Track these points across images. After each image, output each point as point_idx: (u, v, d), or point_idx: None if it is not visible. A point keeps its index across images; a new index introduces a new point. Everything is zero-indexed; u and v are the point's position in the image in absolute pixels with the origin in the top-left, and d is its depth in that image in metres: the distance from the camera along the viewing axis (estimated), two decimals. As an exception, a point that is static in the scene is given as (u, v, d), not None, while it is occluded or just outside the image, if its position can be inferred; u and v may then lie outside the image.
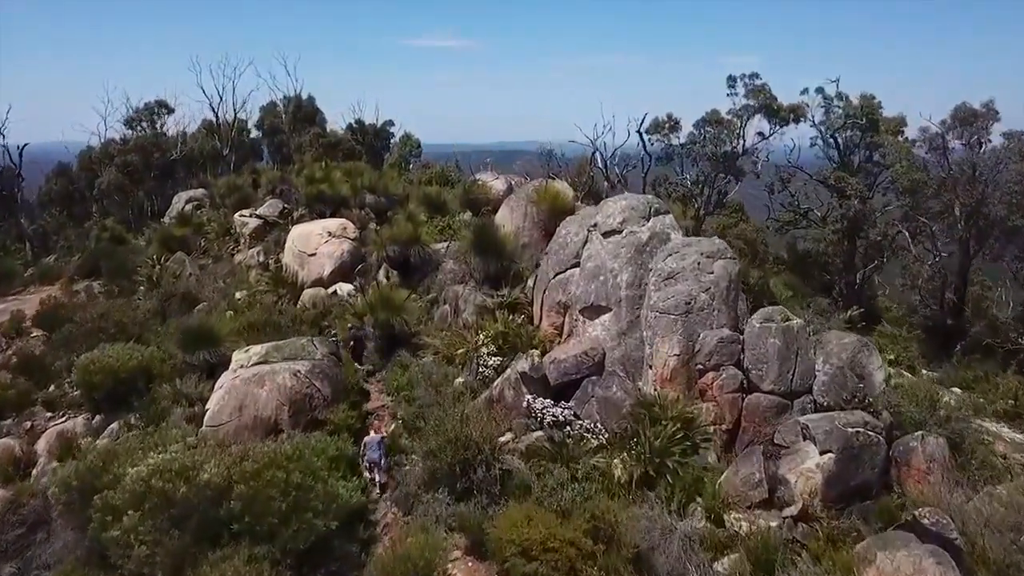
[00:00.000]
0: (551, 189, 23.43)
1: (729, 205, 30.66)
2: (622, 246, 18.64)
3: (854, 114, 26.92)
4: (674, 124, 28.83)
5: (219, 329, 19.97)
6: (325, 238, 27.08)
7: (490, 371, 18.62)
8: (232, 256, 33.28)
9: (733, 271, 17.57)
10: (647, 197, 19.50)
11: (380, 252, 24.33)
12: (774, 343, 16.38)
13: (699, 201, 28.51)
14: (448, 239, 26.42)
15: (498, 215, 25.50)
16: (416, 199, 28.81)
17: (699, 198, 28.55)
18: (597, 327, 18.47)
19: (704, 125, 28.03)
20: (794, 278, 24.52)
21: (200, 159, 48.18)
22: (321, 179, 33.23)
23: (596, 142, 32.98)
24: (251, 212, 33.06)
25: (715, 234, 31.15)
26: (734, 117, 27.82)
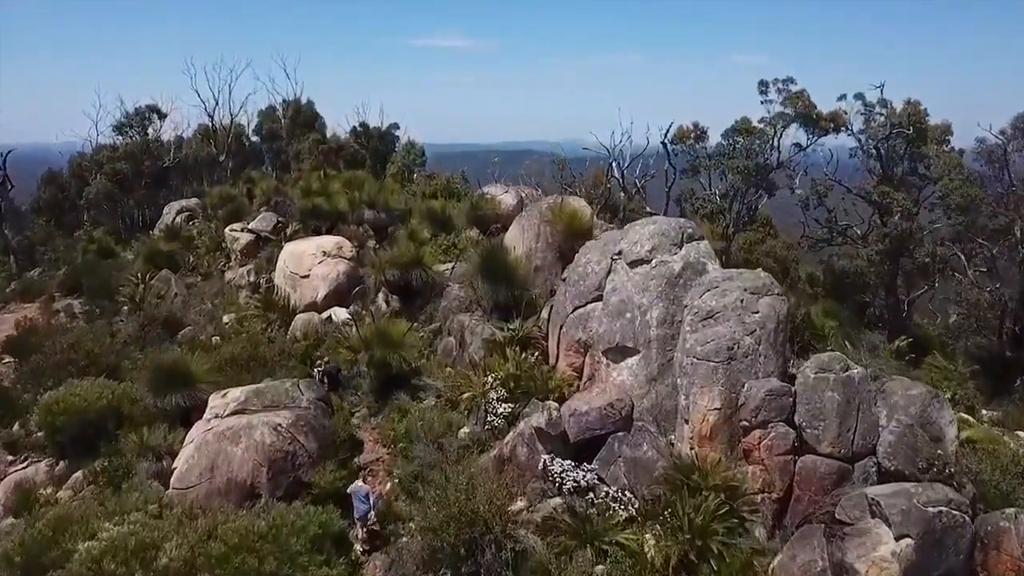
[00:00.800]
0: (567, 207, 21.09)
1: (756, 219, 28.26)
2: (651, 278, 16.29)
3: (899, 122, 24.48)
4: (700, 133, 26.45)
5: (195, 368, 17.69)
6: (319, 258, 24.82)
7: (500, 420, 16.33)
8: (223, 273, 31.12)
9: (782, 310, 15.19)
10: (678, 221, 17.15)
11: (379, 276, 22.04)
12: (832, 397, 13.99)
13: (728, 217, 26.11)
14: (453, 259, 24.13)
15: (508, 234, 23.16)
16: (419, 214, 26.52)
17: (728, 214, 26.16)
18: (623, 371, 16.13)
19: (734, 135, 25.67)
20: (835, 305, 22.07)
21: (196, 166, 46.08)
22: (318, 191, 31.01)
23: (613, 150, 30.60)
24: (242, 226, 30.85)
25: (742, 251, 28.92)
26: (767, 126, 25.44)
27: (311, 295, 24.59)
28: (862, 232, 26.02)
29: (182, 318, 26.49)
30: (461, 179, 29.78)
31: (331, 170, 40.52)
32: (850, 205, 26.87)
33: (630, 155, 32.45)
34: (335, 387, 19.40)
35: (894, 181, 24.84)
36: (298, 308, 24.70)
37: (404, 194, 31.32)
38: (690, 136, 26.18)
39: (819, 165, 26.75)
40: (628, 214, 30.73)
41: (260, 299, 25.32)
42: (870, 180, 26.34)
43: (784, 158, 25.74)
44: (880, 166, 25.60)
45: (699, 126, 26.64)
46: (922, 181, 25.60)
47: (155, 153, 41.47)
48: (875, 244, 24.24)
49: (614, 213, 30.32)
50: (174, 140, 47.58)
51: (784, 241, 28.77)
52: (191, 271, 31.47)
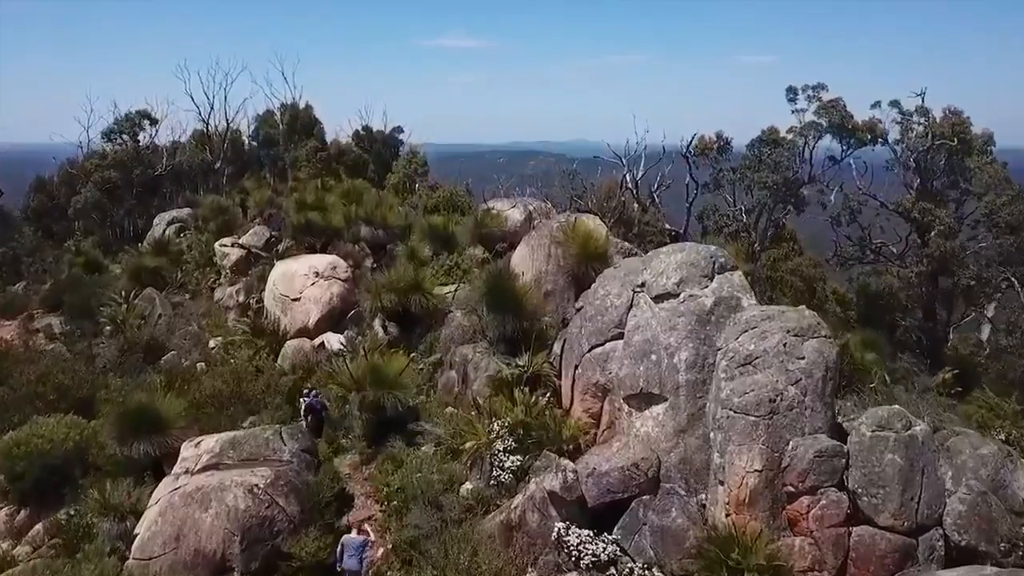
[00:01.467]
0: (580, 228, 19.18)
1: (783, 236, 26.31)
2: (679, 315, 14.37)
3: (941, 133, 22.51)
4: (724, 144, 24.54)
5: (167, 412, 15.84)
6: (311, 279, 22.98)
7: (507, 475, 14.44)
8: (212, 290, 29.35)
9: (830, 356, 13.25)
10: (708, 249, 15.23)
11: (375, 302, 20.19)
12: (894, 461, 12.08)
13: (753, 235, 24.18)
14: (456, 281, 22.28)
15: (515, 255, 21.27)
16: (420, 231, 24.66)
17: (753, 231, 24.23)
18: (647, 421, 14.23)
19: (761, 146, 23.75)
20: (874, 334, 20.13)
21: (190, 173, 44.36)
22: (314, 204, 29.18)
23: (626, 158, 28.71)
24: (233, 241, 29.06)
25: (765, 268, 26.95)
26: (796, 136, 23.52)
27: (302, 319, 22.77)
28: (898, 251, 24.07)
29: (165, 342, 24.69)
30: (465, 191, 27.90)
31: (330, 179, 38.78)
32: (884, 221, 24.91)
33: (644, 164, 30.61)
34: (320, 425, 17.63)
35: (934, 196, 22.87)
36: (289, 333, 22.89)
37: (405, 207, 29.51)
38: (712, 147, 24.26)
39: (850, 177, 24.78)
40: (643, 227, 28.88)
41: (248, 323, 23.48)
42: (907, 194, 24.36)
43: (816, 172, 23.81)
44: (919, 179, 23.63)
45: (722, 136, 24.73)
46: (963, 195, 23.62)
47: (146, 161, 39.72)
48: (915, 265, 22.29)
49: (628, 227, 28.47)
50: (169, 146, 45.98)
51: (811, 258, 26.86)
52: (179, 288, 29.68)
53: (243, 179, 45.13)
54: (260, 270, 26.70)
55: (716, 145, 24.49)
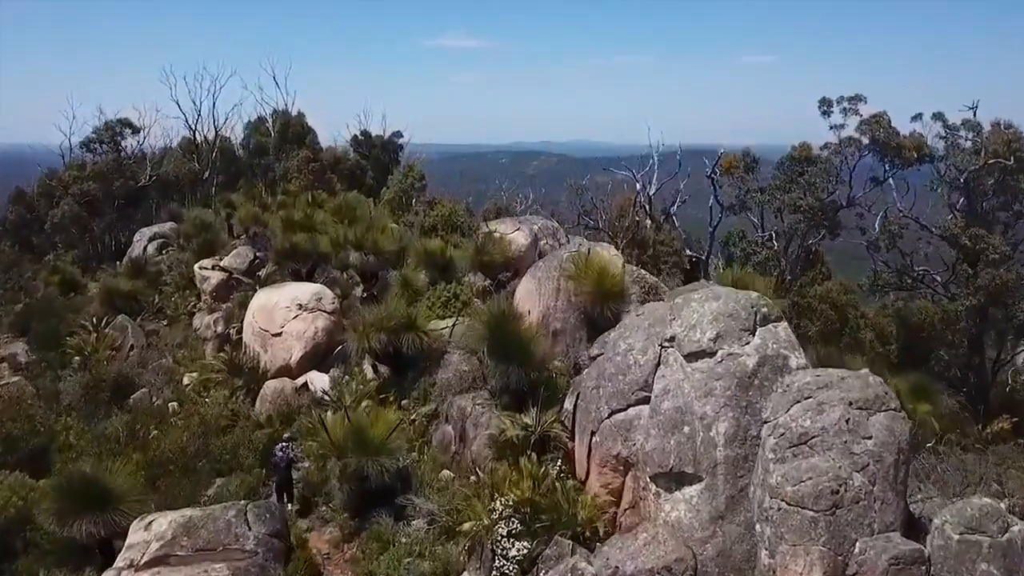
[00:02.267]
0: (594, 262, 16.90)
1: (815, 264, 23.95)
2: (716, 377, 12.11)
3: (995, 151, 20.23)
4: (751, 163, 22.28)
5: (117, 484, 13.58)
6: (294, 312, 20.75)
7: (512, 566, 12.23)
8: (192, 316, 27.14)
9: (903, 435, 10.99)
10: (748, 297, 12.96)
11: (362, 342, 17.93)
12: (988, 572, 9.83)
13: (784, 262, 21.87)
14: (455, 314, 20.06)
15: (520, 287, 19.05)
16: (415, 256, 22.41)
17: (783, 258, 21.92)
18: (679, 504, 11.96)
19: (792, 164, 21.47)
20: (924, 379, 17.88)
21: (177, 184, 42.16)
22: (301, 222, 26.96)
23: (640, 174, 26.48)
24: (213, 262, 26.83)
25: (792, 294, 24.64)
26: (832, 154, 21.24)
27: (283, 356, 20.55)
28: (943, 280, 21.78)
29: (136, 378, 22.49)
30: (465, 210, 25.65)
31: (322, 191, 36.60)
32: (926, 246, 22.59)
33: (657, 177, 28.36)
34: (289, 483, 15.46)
35: (983, 218, 20.57)
36: (269, 371, 20.70)
37: (400, 226, 27.27)
38: (739, 166, 21.96)
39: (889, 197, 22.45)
40: (658, 248, 26.62)
41: (225, 360, 21.26)
42: (949, 215, 22.05)
43: (856, 194, 21.49)
44: (965, 200, 21.34)
45: (749, 154, 22.44)
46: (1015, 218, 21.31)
47: (128, 172, 37.48)
48: (964, 298, 19.98)
49: (643, 248, 26.23)
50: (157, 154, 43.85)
51: (840, 283, 24.58)
52: (155, 314, 27.49)
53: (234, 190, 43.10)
54: (242, 296, 24.47)
55: (743, 163, 22.22)
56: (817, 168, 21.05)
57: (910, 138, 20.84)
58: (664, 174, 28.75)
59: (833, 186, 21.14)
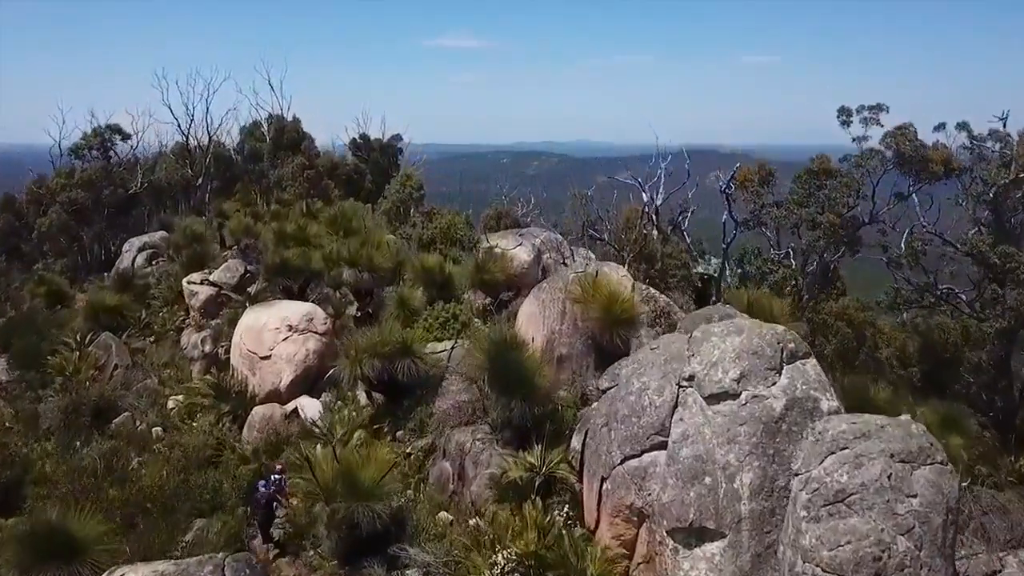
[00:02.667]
0: (602, 285, 15.82)
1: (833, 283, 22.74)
2: (740, 422, 11.01)
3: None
4: (766, 175, 21.15)
5: (83, 533, 12.47)
6: (283, 333, 19.65)
7: (516, 628, 11.13)
8: (180, 331, 26.04)
9: (952, 492, 9.88)
10: (774, 331, 11.85)
11: (354, 369, 16.82)
12: (1055, 654, 8.73)
13: (800, 281, 20.71)
14: (453, 336, 18.98)
15: (523, 309, 17.96)
16: (412, 272, 21.31)
17: (799, 277, 20.76)
18: (699, 563, 10.86)
19: (809, 178, 20.36)
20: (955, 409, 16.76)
21: (170, 191, 41.10)
22: (294, 234, 25.90)
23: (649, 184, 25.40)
24: (202, 276, 25.72)
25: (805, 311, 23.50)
26: (852, 168, 20.12)
27: (272, 381, 19.45)
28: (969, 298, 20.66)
29: (118, 401, 21.40)
30: (465, 223, 24.54)
31: (317, 200, 35.56)
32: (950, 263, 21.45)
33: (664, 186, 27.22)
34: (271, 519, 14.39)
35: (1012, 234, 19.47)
36: (258, 396, 19.60)
37: (396, 240, 26.17)
38: (753, 179, 20.84)
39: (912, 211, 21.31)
40: (666, 261, 25.49)
41: (212, 383, 20.16)
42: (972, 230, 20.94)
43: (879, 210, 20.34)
44: (991, 214, 20.24)
45: (765, 167, 21.29)
46: (1046, 235, 20.24)
47: (118, 179, 36.39)
48: (995, 319, 18.89)
49: (650, 263, 25.10)
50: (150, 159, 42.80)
51: (858, 300, 23.43)
52: (142, 330, 26.35)
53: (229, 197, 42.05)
54: (231, 313, 23.37)
55: (757, 176, 21.11)
56: (837, 182, 19.95)
57: (936, 151, 19.71)
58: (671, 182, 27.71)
59: (854, 201, 20.03)
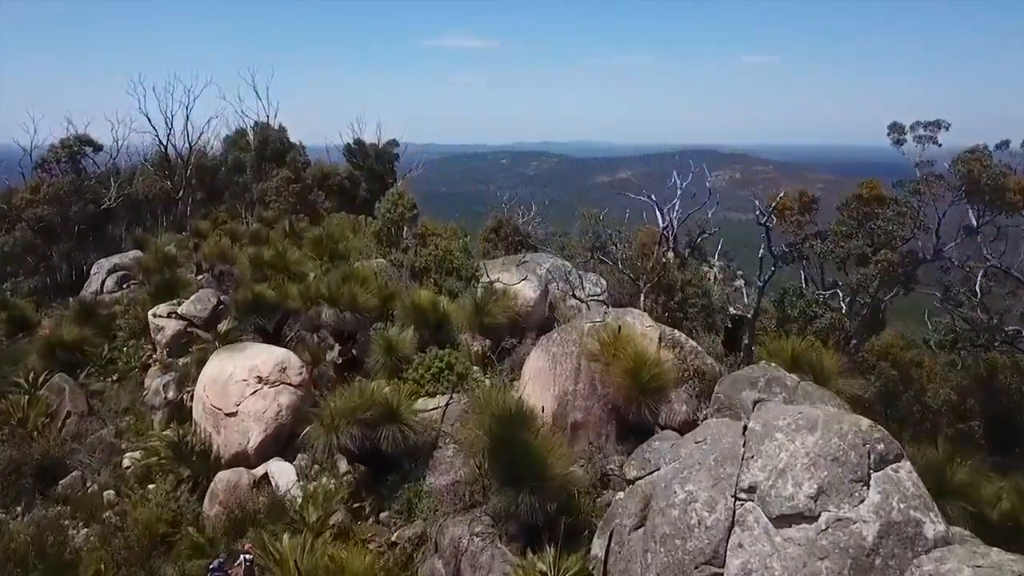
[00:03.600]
0: (626, 342, 13.22)
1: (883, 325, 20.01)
2: (821, 554, 8.41)
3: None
4: (809, 202, 18.50)
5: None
6: (252, 386, 17.01)
7: None
8: (146, 370, 23.40)
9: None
10: (856, 426, 9.26)
11: (329, 437, 14.20)
12: None
13: (848, 324, 18.05)
14: (448, 390, 16.38)
15: (531, 363, 15.35)
16: (402, 310, 18.68)
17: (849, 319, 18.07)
18: None
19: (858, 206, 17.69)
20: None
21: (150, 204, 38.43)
22: (272, 261, 23.30)
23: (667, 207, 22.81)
24: (170, 308, 23.07)
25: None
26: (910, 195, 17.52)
27: (239, 441, 16.82)
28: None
29: (67, 458, 18.80)
30: (463, 251, 21.90)
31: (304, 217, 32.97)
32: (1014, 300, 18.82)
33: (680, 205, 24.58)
34: None
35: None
36: (222, 457, 16.97)
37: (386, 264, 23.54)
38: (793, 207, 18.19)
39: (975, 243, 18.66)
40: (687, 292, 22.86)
41: (172, 440, 17.54)
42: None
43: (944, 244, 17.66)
44: (1062, 245, 17.68)
45: (807, 194, 18.65)
46: None
47: (89, 193, 33.72)
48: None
49: (669, 294, 22.49)
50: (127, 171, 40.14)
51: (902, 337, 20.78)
52: (104, 367, 23.66)
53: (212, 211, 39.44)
54: (200, 354, 20.69)
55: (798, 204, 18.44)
56: (892, 212, 17.34)
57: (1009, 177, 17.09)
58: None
59: (910, 232, 17.40)
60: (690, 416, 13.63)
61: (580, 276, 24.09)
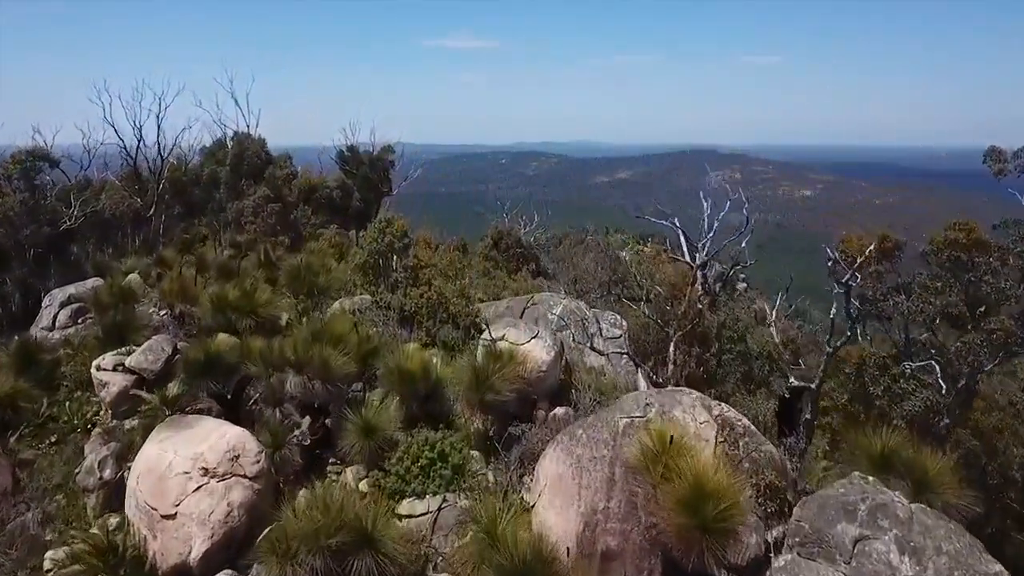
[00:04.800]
0: (680, 455, 9.80)
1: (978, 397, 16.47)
2: None
3: None
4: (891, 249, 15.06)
5: None
6: (196, 480, 13.59)
7: None
8: (89, 432, 19.98)
9: None
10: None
11: (283, 569, 10.79)
12: None
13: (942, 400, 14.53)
14: (441, 488, 13.00)
15: (547, 467, 11.93)
16: (386, 375, 15.27)
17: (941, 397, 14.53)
18: None
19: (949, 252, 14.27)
20: None
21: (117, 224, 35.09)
22: (237, 302, 19.91)
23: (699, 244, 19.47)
24: (116, 361, 19.65)
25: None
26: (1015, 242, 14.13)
27: (179, 550, 13.39)
28: None
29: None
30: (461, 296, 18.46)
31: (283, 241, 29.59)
32: None
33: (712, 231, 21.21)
34: None
35: None
36: (161, 568, 13.56)
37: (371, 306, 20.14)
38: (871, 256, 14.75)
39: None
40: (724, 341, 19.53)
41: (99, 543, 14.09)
42: None
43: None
44: None
45: (889, 239, 15.22)
46: None
47: (46, 213, 30.33)
48: None
49: (705, 345, 19.11)
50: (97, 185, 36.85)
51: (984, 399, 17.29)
52: (41, 426, 20.26)
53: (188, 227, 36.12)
54: (147, 421, 17.30)
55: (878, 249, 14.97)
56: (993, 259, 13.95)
57: None
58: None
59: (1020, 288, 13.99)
60: (760, 550, 10.23)
61: (597, 318, 20.73)
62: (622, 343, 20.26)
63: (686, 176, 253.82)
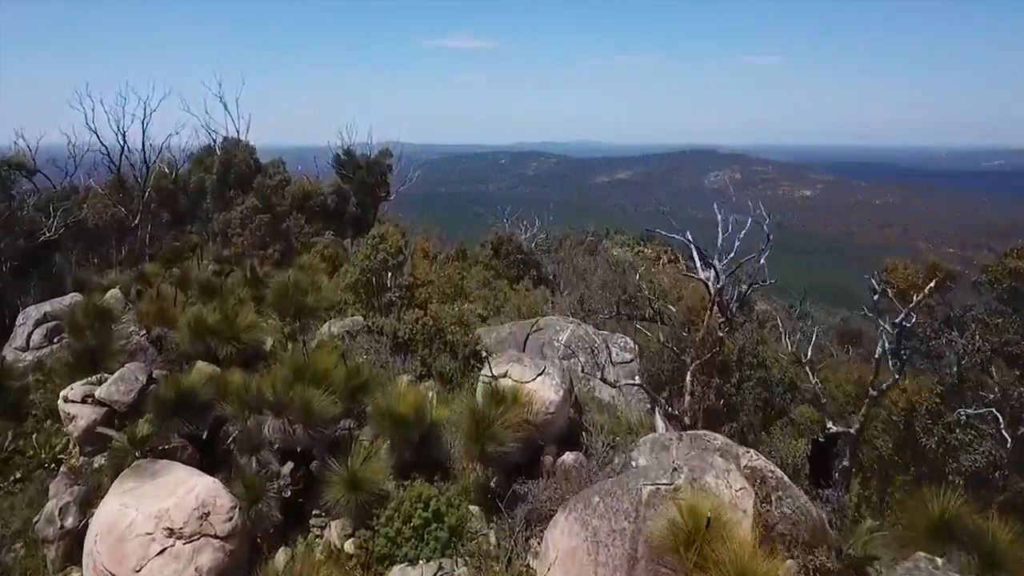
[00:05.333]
0: (718, 538, 8.28)
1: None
2: None
3: None
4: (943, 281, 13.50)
5: None
6: (160, 542, 12.05)
7: None
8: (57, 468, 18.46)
9: None
10: None
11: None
12: None
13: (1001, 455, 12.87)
14: (436, 553, 11.47)
15: (558, 539, 10.39)
16: (375, 417, 13.74)
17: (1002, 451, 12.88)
18: None
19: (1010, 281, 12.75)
20: None
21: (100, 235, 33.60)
22: (217, 327, 18.39)
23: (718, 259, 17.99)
24: (86, 391, 18.09)
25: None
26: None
27: (142, 622, 11.86)
28: None
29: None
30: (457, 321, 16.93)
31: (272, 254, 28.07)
32: None
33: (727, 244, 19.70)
34: None
35: None
36: (121, 641, 12.02)
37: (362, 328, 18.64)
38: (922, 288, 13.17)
39: None
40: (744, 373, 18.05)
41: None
42: None
43: None
44: None
45: (940, 267, 13.66)
46: None
47: (22, 225, 28.84)
48: None
49: (725, 375, 17.61)
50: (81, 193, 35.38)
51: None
52: (7, 460, 18.77)
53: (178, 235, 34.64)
54: (116, 461, 15.76)
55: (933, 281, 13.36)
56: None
57: None
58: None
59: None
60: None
61: (606, 342, 19.22)
62: (633, 369, 18.79)
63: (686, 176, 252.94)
